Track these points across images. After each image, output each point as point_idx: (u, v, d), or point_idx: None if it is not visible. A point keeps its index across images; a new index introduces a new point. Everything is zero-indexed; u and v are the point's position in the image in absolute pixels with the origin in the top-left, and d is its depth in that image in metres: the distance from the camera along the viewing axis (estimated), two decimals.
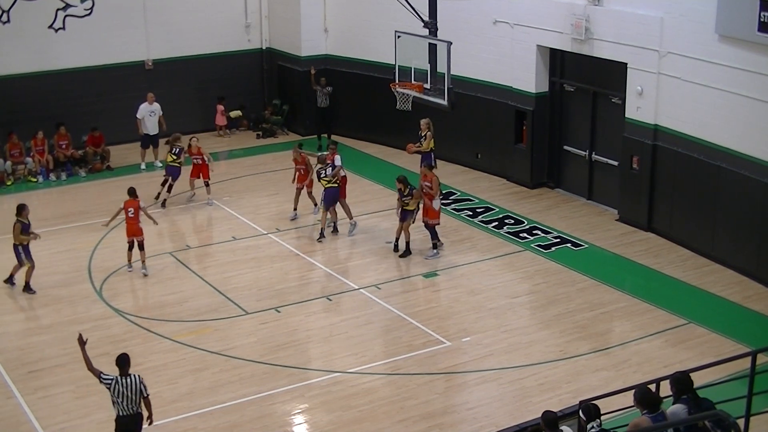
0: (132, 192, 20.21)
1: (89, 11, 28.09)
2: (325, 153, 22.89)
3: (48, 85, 27.76)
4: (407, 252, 20.72)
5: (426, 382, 15.83)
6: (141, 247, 20.09)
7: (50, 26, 27.71)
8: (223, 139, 29.35)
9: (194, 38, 29.66)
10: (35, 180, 26.35)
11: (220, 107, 29.84)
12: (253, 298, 19.00)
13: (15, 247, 19.19)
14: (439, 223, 20.98)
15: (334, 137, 27.33)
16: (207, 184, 24.15)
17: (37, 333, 17.73)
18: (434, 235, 20.91)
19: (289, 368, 16.36)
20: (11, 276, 19.51)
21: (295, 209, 22.99)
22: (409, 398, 15.36)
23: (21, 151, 26.56)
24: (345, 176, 22.18)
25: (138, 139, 27.17)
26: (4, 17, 27.16)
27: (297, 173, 22.96)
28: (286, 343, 17.21)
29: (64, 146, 26.85)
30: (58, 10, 27.68)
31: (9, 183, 26.08)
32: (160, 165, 26.80)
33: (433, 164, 22.03)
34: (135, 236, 20.01)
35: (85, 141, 27.25)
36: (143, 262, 20.05)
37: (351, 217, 21.98)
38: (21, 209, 19.29)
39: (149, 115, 27.07)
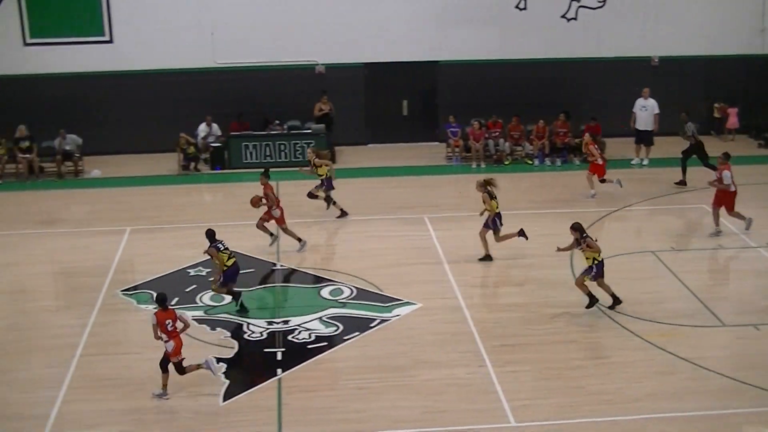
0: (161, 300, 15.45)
1: (602, 3, 28.45)
2: None
3: (556, 72, 28.66)
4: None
5: None
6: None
7: (563, 15, 28.43)
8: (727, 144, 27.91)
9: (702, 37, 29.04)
10: (531, 162, 27.31)
11: (734, 109, 29.00)
12: (732, 311, 18.19)
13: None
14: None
15: None
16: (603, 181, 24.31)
17: (508, 310, 18.25)
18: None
19: (759, 389, 15.47)
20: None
21: None
22: None
23: (522, 134, 27.65)
24: None
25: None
26: (522, 4, 28.30)
27: None
28: (761, 364, 16.29)
29: (562, 134, 27.47)
30: (572, 0, 28.33)
31: (507, 162, 27.29)
32: (646, 164, 26.68)
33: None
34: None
35: (582, 130, 27.69)
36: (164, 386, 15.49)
37: None
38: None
39: (641, 109, 26.95)
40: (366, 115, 29.62)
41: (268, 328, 17.59)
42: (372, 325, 17.70)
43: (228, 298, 18.47)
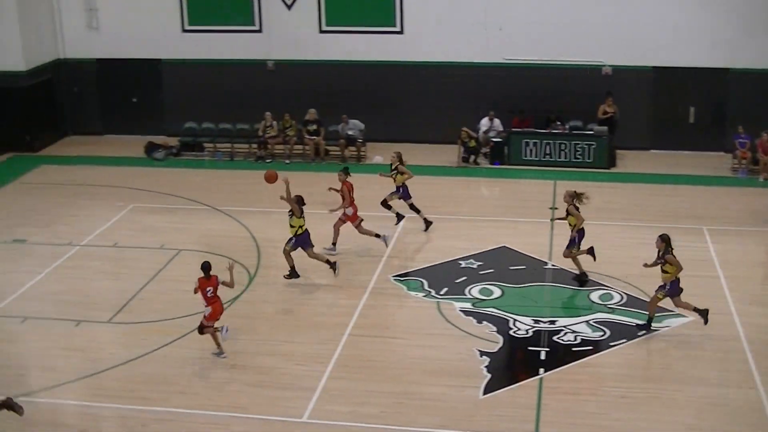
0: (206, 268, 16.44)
1: None
2: None
3: None
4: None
5: None
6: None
7: None
8: None
9: None
10: None
11: None
12: None
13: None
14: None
15: None
16: None
17: None
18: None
19: None
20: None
21: None
22: None
23: None
24: None
25: None
26: None
27: None
28: None
29: None
30: None
31: None
32: None
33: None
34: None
35: None
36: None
37: None
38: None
39: None
40: (651, 120, 28.91)
41: (534, 327, 17.58)
42: (640, 333, 17.32)
43: (497, 292, 18.73)
